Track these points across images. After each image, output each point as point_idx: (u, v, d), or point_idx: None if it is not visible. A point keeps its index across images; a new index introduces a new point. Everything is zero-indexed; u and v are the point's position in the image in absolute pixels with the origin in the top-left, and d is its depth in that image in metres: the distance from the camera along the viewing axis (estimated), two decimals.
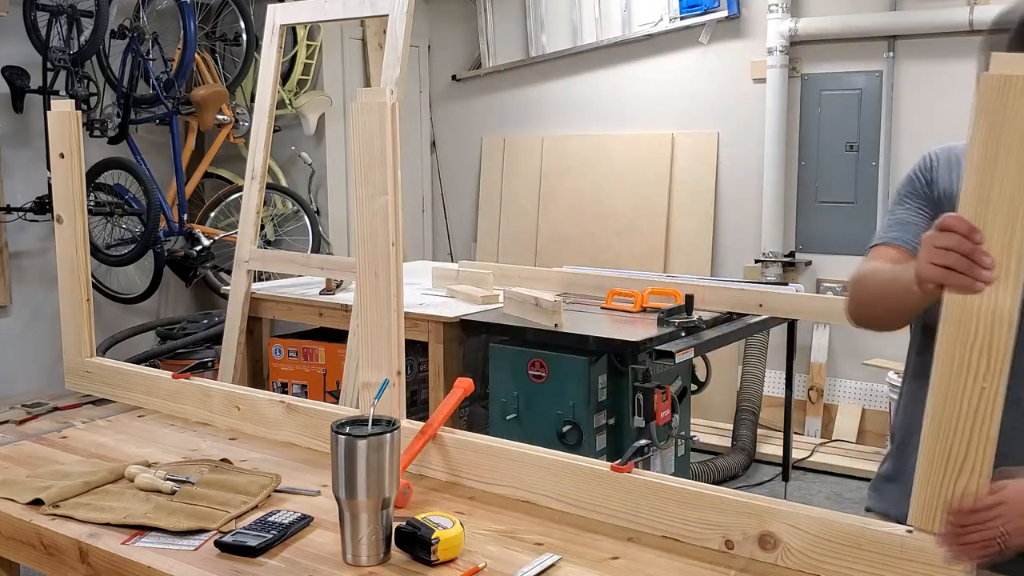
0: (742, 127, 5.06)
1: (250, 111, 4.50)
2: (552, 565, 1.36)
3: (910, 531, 1.26)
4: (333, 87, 5.44)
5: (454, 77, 6.07)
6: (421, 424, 1.73)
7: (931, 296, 1.25)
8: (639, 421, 2.99)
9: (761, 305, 3.41)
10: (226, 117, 5.05)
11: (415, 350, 3.78)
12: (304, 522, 1.50)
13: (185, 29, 4.73)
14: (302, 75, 5.23)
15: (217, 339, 4.32)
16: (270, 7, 3.82)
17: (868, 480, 4.84)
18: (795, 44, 4.84)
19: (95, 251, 4.55)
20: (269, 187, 4.54)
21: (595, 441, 3.06)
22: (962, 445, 1.20)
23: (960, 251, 1.16)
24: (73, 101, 2.17)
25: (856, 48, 4.74)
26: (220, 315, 4.58)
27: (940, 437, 1.22)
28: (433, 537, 1.35)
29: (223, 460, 1.81)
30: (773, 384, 4.86)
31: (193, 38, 4.75)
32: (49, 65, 4.42)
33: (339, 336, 3.86)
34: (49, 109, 2.17)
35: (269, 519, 1.49)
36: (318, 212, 5.32)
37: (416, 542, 1.37)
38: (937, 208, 1.51)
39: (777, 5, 4.79)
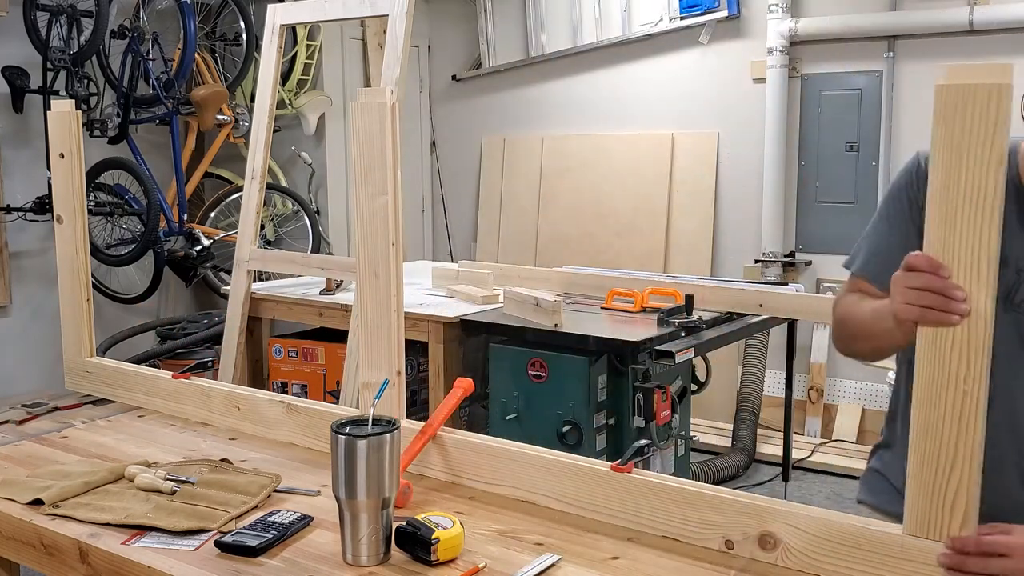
0: (742, 127, 5.06)
1: (250, 111, 4.50)
2: (552, 565, 1.36)
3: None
4: (333, 87, 5.45)
5: (454, 77, 6.07)
6: (421, 424, 1.73)
7: (912, 333, 1.27)
8: (639, 421, 2.99)
9: (761, 305, 3.41)
10: (226, 117, 5.05)
11: (415, 350, 3.78)
12: (304, 522, 1.50)
13: (185, 29, 4.74)
14: (302, 75, 5.23)
15: (217, 339, 4.32)
16: (270, 7, 3.82)
17: None
18: (795, 44, 4.84)
19: (95, 251, 4.55)
20: (269, 187, 4.54)
21: (595, 441, 3.07)
22: (949, 450, 1.21)
23: (932, 289, 1.19)
24: (73, 101, 2.17)
25: (856, 48, 4.74)
26: (220, 315, 4.58)
27: (927, 444, 1.22)
28: (433, 537, 1.35)
29: (223, 460, 1.81)
30: (773, 384, 4.86)
31: (193, 38, 4.75)
32: (49, 65, 4.42)
33: (339, 336, 3.86)
34: (49, 109, 2.16)
35: (269, 519, 1.49)
36: (318, 212, 5.33)
37: (416, 542, 1.37)
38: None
39: (777, 5, 4.80)
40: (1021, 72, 1.22)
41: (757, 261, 4.99)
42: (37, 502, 1.61)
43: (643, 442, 2.26)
